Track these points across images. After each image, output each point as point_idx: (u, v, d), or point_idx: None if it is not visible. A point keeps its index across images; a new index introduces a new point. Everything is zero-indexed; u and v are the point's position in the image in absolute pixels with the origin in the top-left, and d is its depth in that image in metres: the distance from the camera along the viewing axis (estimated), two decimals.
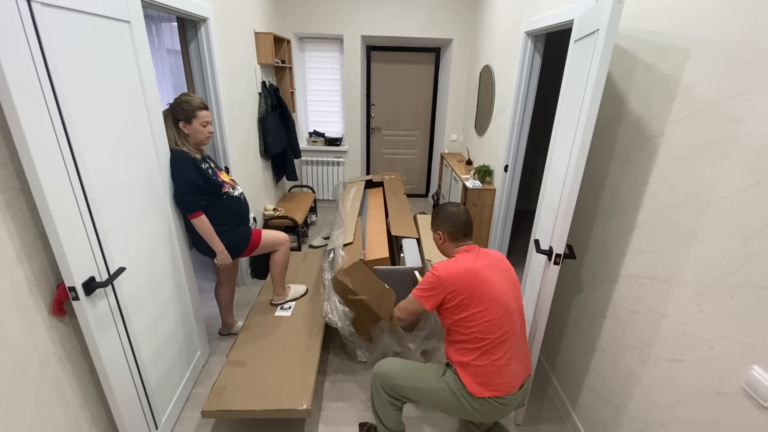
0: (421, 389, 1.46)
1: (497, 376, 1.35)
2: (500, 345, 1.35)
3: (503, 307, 1.36)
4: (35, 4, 1.04)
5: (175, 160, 1.74)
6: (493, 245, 3.22)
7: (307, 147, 4.54)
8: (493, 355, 1.35)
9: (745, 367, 1.01)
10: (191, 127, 1.79)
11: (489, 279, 1.37)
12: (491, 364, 1.35)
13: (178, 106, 1.77)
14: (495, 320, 1.34)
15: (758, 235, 0.98)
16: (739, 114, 1.04)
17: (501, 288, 1.38)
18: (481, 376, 1.35)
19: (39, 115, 1.06)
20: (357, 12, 4.03)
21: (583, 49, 1.50)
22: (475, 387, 1.35)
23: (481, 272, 1.37)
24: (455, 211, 1.51)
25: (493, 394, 1.35)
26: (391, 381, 1.50)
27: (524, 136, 2.84)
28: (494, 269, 1.41)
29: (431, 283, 1.40)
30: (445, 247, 1.54)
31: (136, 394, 1.52)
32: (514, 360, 1.37)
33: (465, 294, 1.35)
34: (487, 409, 1.37)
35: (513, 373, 1.37)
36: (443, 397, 1.42)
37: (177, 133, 1.79)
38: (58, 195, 1.12)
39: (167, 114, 1.77)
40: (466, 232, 1.50)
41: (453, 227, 1.49)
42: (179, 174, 1.74)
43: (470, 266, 1.38)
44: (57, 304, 1.22)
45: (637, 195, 1.44)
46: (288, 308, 2.23)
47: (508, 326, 1.36)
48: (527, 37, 2.57)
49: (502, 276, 1.42)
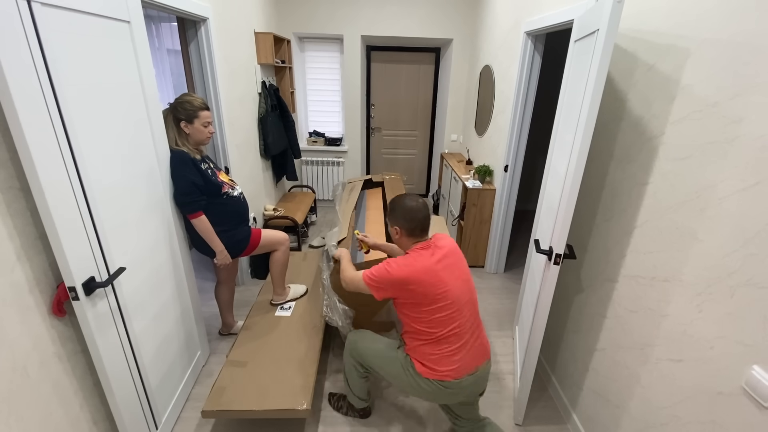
0: (379, 357, 1.60)
1: (441, 363, 1.42)
2: (450, 338, 1.41)
3: (456, 305, 1.41)
4: (35, 4, 1.04)
5: (174, 161, 1.74)
6: (493, 245, 3.22)
7: (307, 147, 4.54)
8: (442, 346, 1.42)
9: (745, 367, 1.01)
10: (192, 127, 1.79)
11: (444, 279, 1.39)
12: (438, 352, 1.42)
13: (180, 106, 1.77)
14: (446, 317, 1.40)
15: (758, 235, 0.98)
16: (739, 114, 1.04)
17: (455, 285, 1.41)
18: (427, 360, 1.43)
19: (39, 115, 1.06)
20: (357, 12, 4.03)
21: (583, 49, 1.50)
22: (421, 367, 1.44)
23: (437, 272, 1.38)
24: (414, 207, 1.46)
25: (437, 377, 1.42)
26: (356, 348, 1.67)
27: (524, 136, 2.84)
28: (449, 266, 1.43)
29: (383, 278, 1.41)
30: (401, 242, 1.52)
31: (136, 394, 1.52)
32: (463, 350, 1.43)
33: (419, 296, 1.39)
34: (433, 390, 1.44)
35: (460, 362, 1.42)
36: (395, 369, 1.52)
37: (178, 132, 1.79)
38: (58, 195, 1.12)
39: (168, 113, 1.77)
40: (423, 228, 1.47)
41: (411, 223, 1.46)
42: (179, 174, 1.74)
43: (426, 265, 1.38)
44: (57, 304, 1.22)
45: (637, 195, 1.44)
46: (288, 308, 2.23)
47: (459, 320, 1.42)
48: (527, 37, 2.57)
49: (457, 273, 1.44)
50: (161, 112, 1.71)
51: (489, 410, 1.96)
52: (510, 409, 1.99)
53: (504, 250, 3.25)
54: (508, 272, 3.33)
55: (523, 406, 1.85)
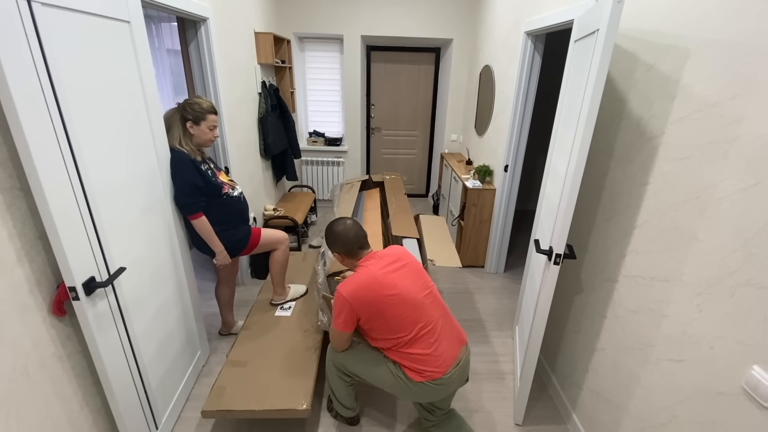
0: (365, 369, 1.58)
1: (427, 363, 1.44)
2: (423, 336, 1.44)
3: (412, 303, 1.44)
4: (35, 4, 1.04)
5: (174, 162, 1.75)
6: (493, 245, 3.22)
7: (307, 147, 4.54)
8: (418, 346, 1.44)
9: (745, 367, 1.01)
10: (198, 128, 1.82)
11: (391, 282, 1.44)
12: (419, 353, 1.44)
13: (189, 107, 1.80)
14: (409, 319, 1.43)
15: (758, 235, 0.98)
16: (739, 114, 1.04)
17: (404, 285, 1.46)
18: (414, 366, 1.45)
19: (39, 114, 1.06)
20: (357, 12, 4.03)
21: (583, 49, 1.50)
22: (412, 374, 1.45)
23: (382, 278, 1.43)
24: (342, 230, 1.53)
25: (430, 377, 1.44)
26: (339, 359, 1.63)
27: (524, 136, 2.84)
28: (395, 270, 1.48)
29: (340, 305, 1.45)
30: (346, 264, 1.60)
31: (137, 394, 1.52)
32: (441, 343, 1.47)
33: (375, 305, 1.42)
34: (426, 391, 1.47)
35: (443, 354, 1.46)
36: (386, 378, 1.52)
37: (183, 132, 1.81)
38: (59, 194, 1.12)
39: (175, 112, 1.80)
40: (361, 245, 1.54)
41: (345, 245, 1.53)
42: (179, 175, 1.76)
43: (371, 274, 1.44)
44: (57, 304, 1.22)
45: (637, 195, 1.44)
46: (288, 308, 2.23)
47: (424, 318, 1.46)
48: (527, 37, 2.57)
49: (404, 273, 1.49)
50: (166, 112, 1.73)
51: (489, 410, 1.97)
52: (510, 409, 1.99)
53: (504, 250, 3.25)
54: (508, 272, 3.33)
55: (523, 406, 1.85)
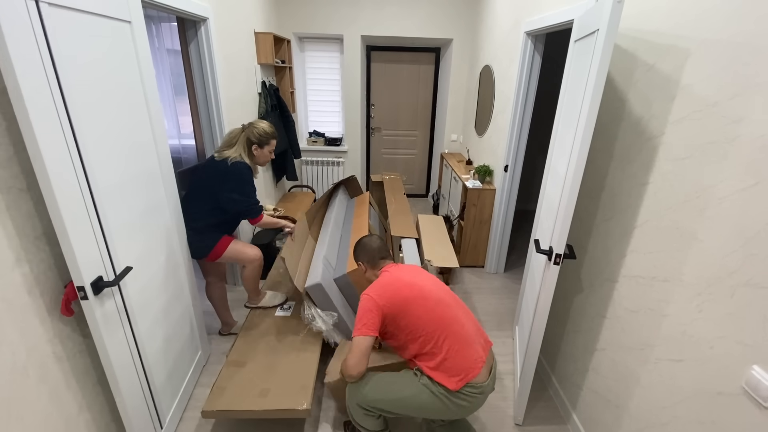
0: (401, 399, 1.45)
1: (460, 361, 1.40)
2: (449, 336, 1.42)
3: (435, 299, 1.46)
4: (43, 4, 1.04)
5: (244, 172, 1.95)
6: (493, 245, 3.22)
7: (307, 147, 4.54)
8: (448, 343, 1.41)
9: (745, 367, 1.01)
10: (261, 151, 2.03)
11: (413, 281, 1.50)
12: (452, 355, 1.40)
13: (256, 131, 1.98)
14: (434, 314, 1.43)
15: (758, 235, 0.98)
16: (739, 114, 1.04)
17: (426, 284, 1.50)
18: (450, 370, 1.40)
19: (49, 115, 1.06)
20: (357, 12, 4.03)
21: (583, 49, 1.50)
22: (451, 382, 1.39)
23: (404, 278, 1.51)
24: (366, 240, 1.71)
25: (469, 378, 1.39)
26: (367, 399, 1.48)
27: (524, 136, 2.84)
28: (416, 275, 1.54)
29: (367, 306, 1.44)
30: (369, 274, 1.69)
31: (142, 394, 1.52)
32: (469, 338, 1.44)
33: (399, 301, 1.43)
34: (466, 402, 1.41)
35: (473, 354, 1.42)
36: (424, 401, 1.42)
37: (247, 152, 2.00)
38: (67, 193, 1.12)
39: (240, 132, 1.99)
40: (383, 256, 1.67)
41: (369, 254, 1.67)
42: (248, 183, 1.96)
43: (393, 275, 1.53)
44: (65, 303, 1.22)
45: (637, 195, 1.44)
46: (288, 308, 2.23)
47: (449, 315, 1.45)
48: (527, 37, 2.57)
49: (425, 276, 1.56)
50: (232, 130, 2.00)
51: (489, 410, 1.97)
52: (510, 409, 1.99)
53: (504, 250, 3.25)
54: (508, 272, 3.33)
55: (523, 406, 1.85)
